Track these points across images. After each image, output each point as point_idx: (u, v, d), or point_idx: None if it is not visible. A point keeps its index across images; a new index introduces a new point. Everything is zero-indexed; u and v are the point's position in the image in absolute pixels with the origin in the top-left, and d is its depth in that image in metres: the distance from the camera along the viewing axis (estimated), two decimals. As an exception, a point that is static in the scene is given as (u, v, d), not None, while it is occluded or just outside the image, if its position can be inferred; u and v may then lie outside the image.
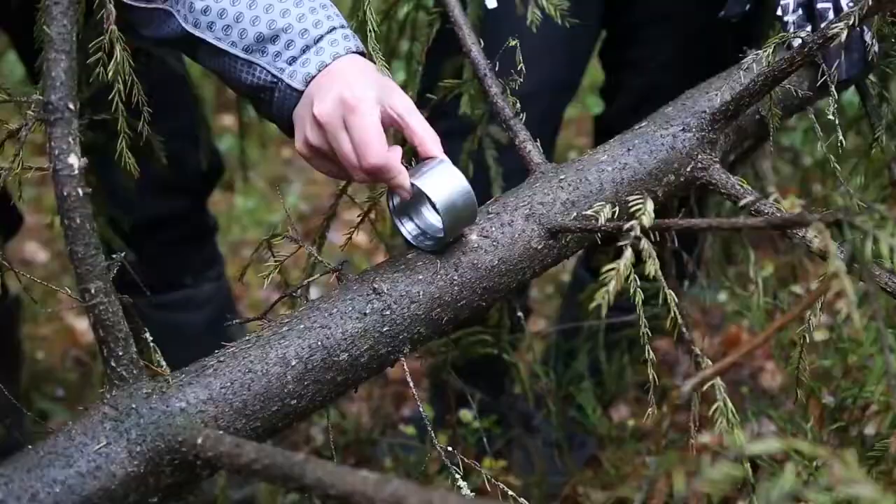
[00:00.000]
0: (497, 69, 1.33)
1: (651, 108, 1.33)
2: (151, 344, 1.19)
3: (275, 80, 1.13)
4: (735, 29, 1.47)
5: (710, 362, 1.05)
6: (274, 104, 1.15)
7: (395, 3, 1.60)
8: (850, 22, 1.08)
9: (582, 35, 1.58)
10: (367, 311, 1.11)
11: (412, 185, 1.09)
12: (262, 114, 1.25)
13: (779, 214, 1.07)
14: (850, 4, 1.19)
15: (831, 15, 1.28)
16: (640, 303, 1.07)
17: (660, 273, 0.99)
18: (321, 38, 1.12)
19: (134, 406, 1.02)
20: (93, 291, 1.01)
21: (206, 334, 1.43)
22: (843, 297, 0.77)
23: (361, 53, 1.15)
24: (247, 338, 1.11)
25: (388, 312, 1.12)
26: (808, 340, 1.21)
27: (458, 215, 1.11)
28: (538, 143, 1.30)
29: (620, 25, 1.77)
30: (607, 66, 1.87)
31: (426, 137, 1.11)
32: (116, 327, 1.03)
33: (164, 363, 1.16)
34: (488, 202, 1.22)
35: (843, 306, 0.76)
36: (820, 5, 1.29)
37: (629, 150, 1.25)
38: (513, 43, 1.27)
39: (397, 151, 1.10)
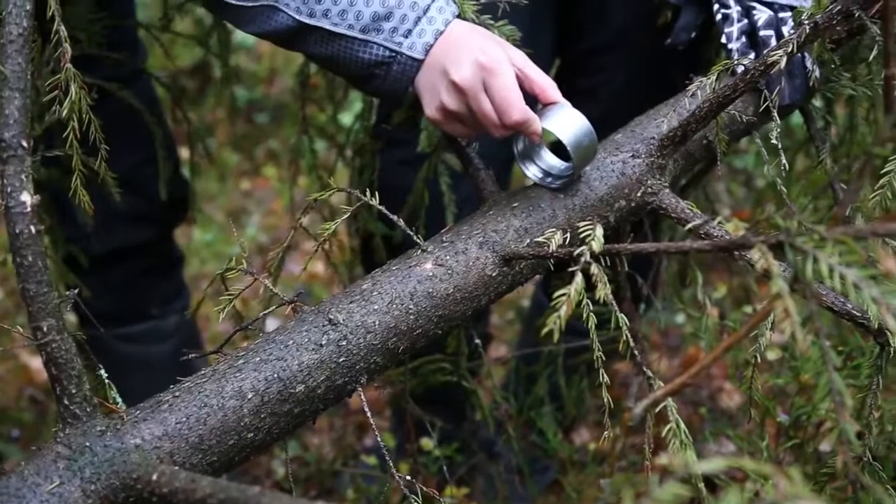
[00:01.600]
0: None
1: (604, 135, 1.36)
2: (107, 381, 1.17)
3: (393, 54, 1.19)
4: (684, 56, 1.51)
5: (661, 384, 1.06)
6: (390, 77, 1.21)
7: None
8: (790, 49, 1.11)
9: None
10: (323, 343, 1.11)
11: (543, 129, 1.19)
12: (369, 91, 1.29)
13: (726, 237, 1.09)
14: (791, 31, 1.22)
15: (774, 42, 1.31)
16: (594, 327, 1.08)
17: (610, 297, 1.00)
18: (429, 7, 1.19)
19: (88, 444, 1.01)
20: (45, 329, 1.00)
21: (171, 366, 1.43)
22: (787, 316, 0.78)
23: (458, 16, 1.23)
24: (202, 372, 1.10)
25: (344, 343, 1.12)
26: (759, 360, 1.24)
27: (584, 153, 1.21)
28: (492, 172, 1.31)
29: (573, 54, 1.79)
30: (562, 92, 1.89)
31: (546, 85, 1.20)
32: (69, 365, 1.02)
33: (119, 400, 1.15)
34: (442, 231, 1.23)
35: (788, 326, 0.78)
36: (762, 33, 1.32)
37: (580, 176, 1.26)
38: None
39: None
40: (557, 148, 1.24)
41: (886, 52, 0.74)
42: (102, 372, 1.17)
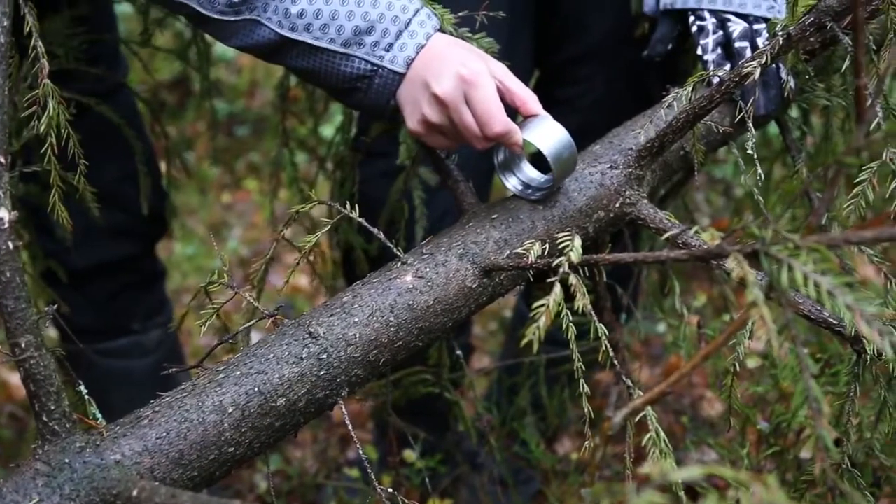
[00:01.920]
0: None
1: (582, 145, 1.36)
2: (86, 397, 1.17)
3: (374, 67, 1.20)
4: (660, 67, 1.52)
5: (641, 393, 1.07)
6: (372, 91, 1.21)
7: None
8: (764, 60, 1.12)
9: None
10: (304, 356, 1.11)
11: (524, 140, 1.20)
12: (351, 104, 1.30)
13: (703, 246, 1.10)
14: (766, 43, 1.24)
15: (749, 53, 1.32)
16: (573, 337, 1.08)
17: (589, 307, 1.01)
18: (410, 21, 1.20)
19: (67, 461, 1.01)
20: (23, 346, 1.00)
21: (153, 381, 1.43)
22: (763, 325, 0.79)
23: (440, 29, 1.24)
24: (182, 387, 1.10)
25: (324, 356, 1.12)
26: (738, 368, 1.25)
27: (565, 165, 1.22)
28: (471, 183, 1.32)
29: (552, 64, 1.80)
30: (540, 104, 1.90)
31: (527, 97, 1.22)
32: (48, 381, 1.02)
33: (98, 415, 1.15)
34: (422, 243, 1.24)
35: (764, 334, 0.79)
36: (737, 44, 1.34)
37: (560, 188, 1.27)
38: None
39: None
40: (538, 159, 1.25)
41: (857, 62, 0.75)
42: (82, 388, 1.17)
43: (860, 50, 0.74)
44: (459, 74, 1.17)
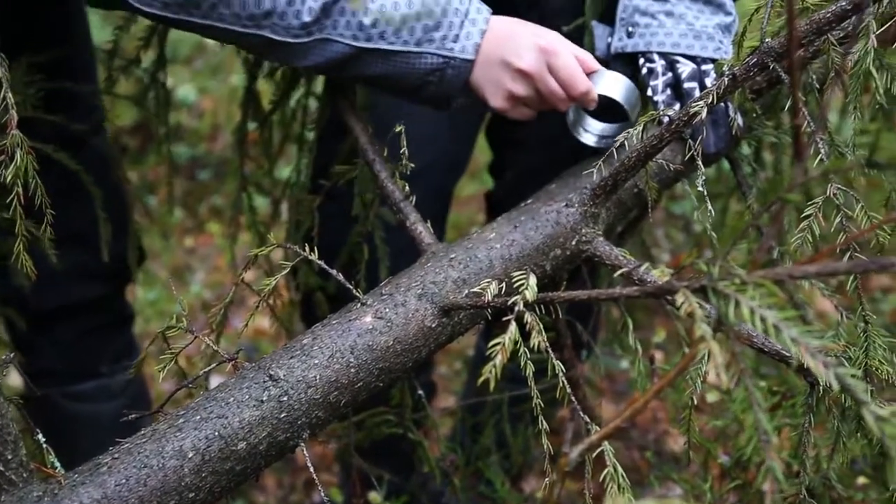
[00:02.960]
0: (388, 152, 1.37)
1: (536, 184, 1.39)
2: (44, 445, 1.16)
3: (446, 59, 1.27)
4: (599, 108, 1.55)
5: (598, 428, 1.08)
6: (445, 82, 1.29)
7: (287, 89, 1.63)
8: (710, 100, 1.15)
9: (466, 118, 1.64)
10: (265, 399, 1.12)
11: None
12: (419, 99, 1.35)
13: (655, 283, 1.12)
14: (713, 83, 1.27)
15: (697, 93, 1.36)
16: (531, 375, 1.09)
17: (545, 345, 1.02)
18: (468, 10, 1.27)
19: (24, 510, 1.00)
20: (-21, 394, 0.99)
21: (120, 425, 1.41)
22: (712, 359, 0.81)
23: None
24: (142, 432, 1.10)
25: (285, 398, 1.12)
26: (696, 403, 1.26)
27: (635, 107, 1.35)
28: (429, 224, 1.33)
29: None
30: (494, 143, 1.93)
31: (585, 56, 1.32)
32: (5, 430, 1.01)
33: (57, 464, 1.14)
34: (381, 283, 1.25)
35: (712, 368, 0.80)
36: (686, 85, 1.37)
37: (516, 226, 1.29)
38: (399, 128, 1.31)
39: None
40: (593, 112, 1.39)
41: (794, 102, 0.78)
42: (40, 436, 1.16)
43: (796, 91, 0.77)
44: (539, 45, 1.28)
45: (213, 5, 1.20)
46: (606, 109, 1.39)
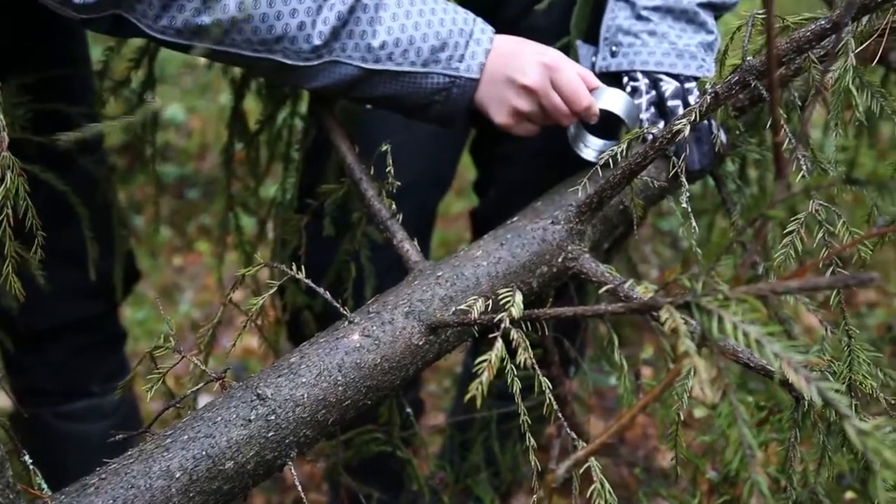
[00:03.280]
0: (374, 170, 1.38)
1: (521, 201, 1.40)
2: (31, 466, 1.16)
3: (452, 79, 1.30)
4: (598, 124, 1.56)
5: (584, 444, 1.08)
6: (451, 100, 1.32)
7: (274, 109, 1.64)
8: (693, 118, 1.16)
9: (452, 131, 1.65)
10: (252, 418, 1.12)
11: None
12: (425, 118, 1.38)
13: (640, 299, 1.13)
14: (697, 101, 1.28)
15: (681, 111, 1.37)
16: (518, 391, 1.10)
17: (531, 361, 1.03)
18: (472, 31, 1.31)
19: (10, 532, 1.00)
20: (-35, 415, 0.99)
21: (110, 445, 1.41)
22: (697, 375, 0.82)
23: None
24: (129, 452, 1.09)
25: (272, 417, 1.12)
26: (682, 418, 1.27)
27: (635, 122, 1.38)
28: (415, 241, 1.34)
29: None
30: (479, 161, 1.94)
31: (586, 73, 1.36)
32: (-9, 451, 1.01)
33: (44, 485, 1.14)
34: (368, 302, 1.25)
35: (697, 384, 0.81)
36: (670, 103, 1.39)
37: (502, 244, 1.30)
38: (384, 148, 1.32)
39: None
40: (590, 127, 1.43)
41: (774, 120, 0.79)
42: (27, 458, 1.16)
43: (775, 109, 0.78)
44: (542, 63, 1.31)
45: (226, 32, 1.22)
46: (605, 128, 1.41)
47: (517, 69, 1.31)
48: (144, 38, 1.25)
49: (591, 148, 1.45)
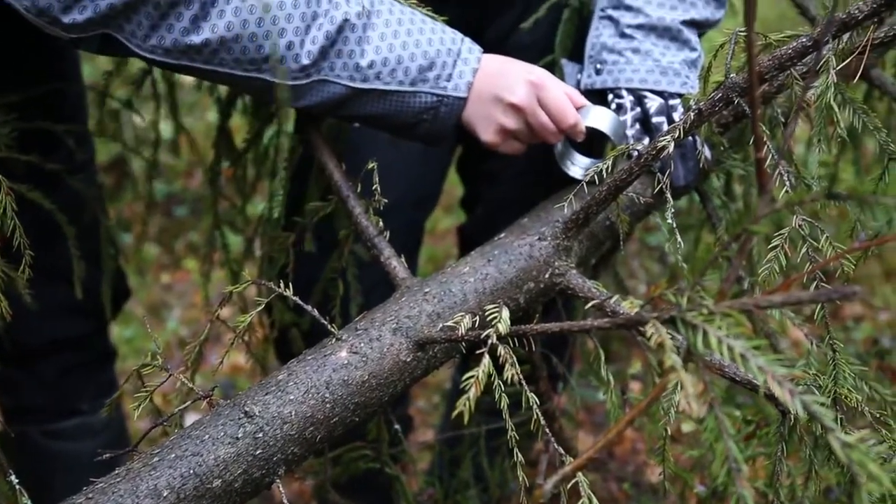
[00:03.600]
0: (360, 188, 1.39)
1: (508, 218, 1.40)
2: (17, 487, 1.15)
3: (439, 97, 1.31)
4: (584, 142, 1.58)
5: (571, 459, 1.09)
6: (439, 119, 1.33)
7: (261, 128, 1.65)
8: (677, 134, 1.17)
9: (438, 153, 1.65)
10: (240, 435, 1.11)
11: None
12: (413, 137, 1.38)
13: (626, 314, 1.13)
14: (681, 117, 1.29)
15: (665, 128, 1.38)
16: (506, 407, 1.10)
17: (518, 377, 1.03)
18: (460, 51, 1.32)
19: (-4, 552, 0.99)
20: (-49, 435, 0.99)
21: (100, 463, 1.41)
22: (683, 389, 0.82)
23: None
24: (116, 471, 1.09)
25: (260, 435, 1.12)
26: (669, 433, 1.27)
27: (621, 139, 1.40)
28: (402, 258, 1.34)
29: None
30: (465, 178, 1.95)
31: (573, 92, 1.37)
32: (-23, 471, 1.00)
33: (31, 506, 1.13)
34: (356, 319, 1.25)
35: (683, 398, 0.82)
36: (654, 119, 1.40)
37: (489, 260, 1.30)
38: (371, 165, 1.33)
39: None
40: (577, 145, 1.46)
41: (756, 136, 0.80)
42: (13, 478, 1.15)
43: (756, 125, 0.79)
44: (529, 81, 1.33)
45: (215, 51, 1.22)
46: (591, 146, 1.43)
47: (504, 87, 1.32)
48: (134, 57, 1.25)
49: (578, 166, 1.46)
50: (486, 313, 1.06)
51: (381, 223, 1.36)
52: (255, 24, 1.20)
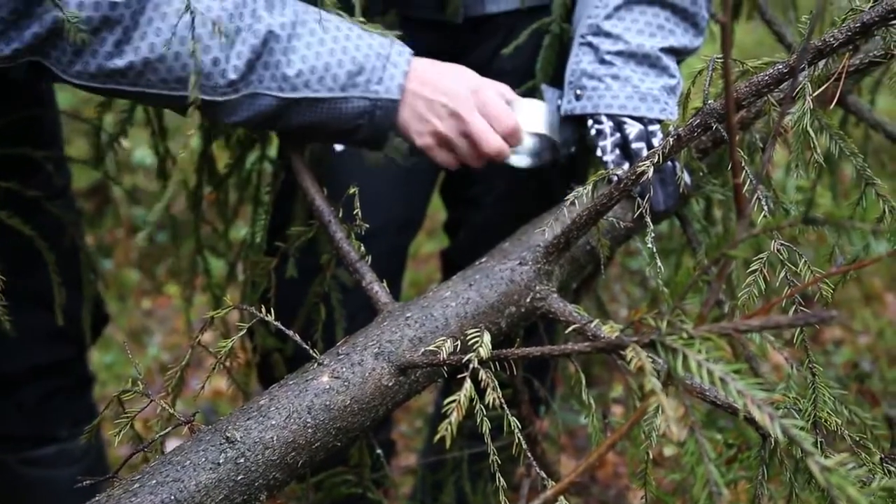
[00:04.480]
0: (342, 213, 1.39)
1: (490, 242, 1.41)
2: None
3: (372, 101, 1.32)
4: (564, 166, 1.59)
5: (553, 483, 1.09)
6: (375, 123, 1.34)
7: (243, 153, 1.65)
8: (656, 160, 1.19)
9: (421, 174, 1.66)
10: (221, 461, 1.11)
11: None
12: (354, 143, 1.39)
13: (606, 338, 1.14)
14: (660, 143, 1.31)
15: (645, 153, 1.39)
16: (488, 431, 1.10)
17: (500, 401, 1.03)
18: (389, 54, 1.32)
19: (-26, 580, 0.98)
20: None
21: (77, 491, 1.40)
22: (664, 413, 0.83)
23: None
24: (96, 498, 1.08)
25: (242, 460, 1.12)
26: (651, 456, 1.28)
27: (556, 129, 1.43)
28: (384, 283, 1.35)
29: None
30: (449, 203, 1.96)
31: (504, 90, 1.40)
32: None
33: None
34: (338, 343, 1.25)
35: (663, 421, 0.82)
36: (634, 145, 1.41)
37: (471, 285, 1.31)
38: (352, 190, 1.33)
39: None
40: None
41: (733, 162, 0.81)
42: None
43: (734, 151, 0.80)
44: (463, 83, 1.35)
45: (140, 73, 1.23)
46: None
47: (437, 90, 1.34)
48: (61, 83, 1.26)
49: (521, 153, 1.46)
50: (468, 338, 1.07)
51: (362, 248, 1.36)
52: (177, 43, 1.21)
